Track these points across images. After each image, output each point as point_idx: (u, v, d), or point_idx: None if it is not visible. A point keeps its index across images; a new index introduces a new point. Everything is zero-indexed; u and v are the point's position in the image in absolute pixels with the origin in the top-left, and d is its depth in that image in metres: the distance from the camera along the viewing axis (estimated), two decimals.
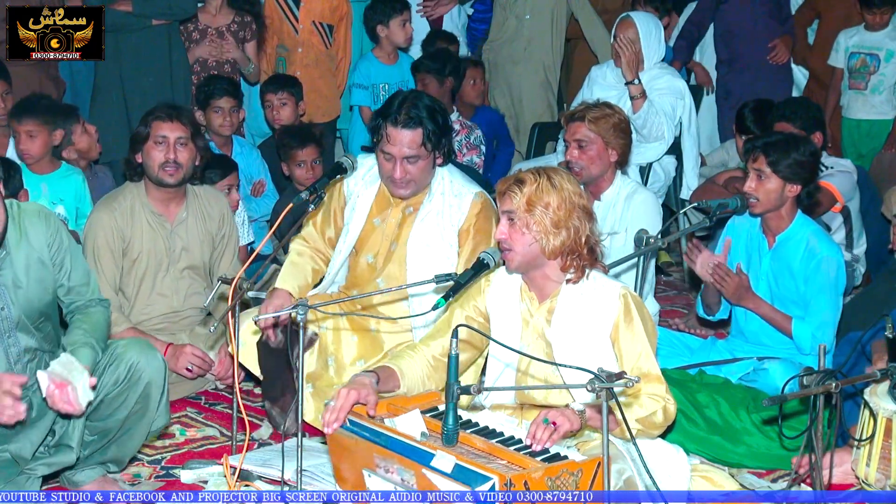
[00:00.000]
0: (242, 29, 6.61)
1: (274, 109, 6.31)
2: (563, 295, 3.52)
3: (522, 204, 3.43)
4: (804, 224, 4.47)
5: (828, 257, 4.36)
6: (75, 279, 3.67)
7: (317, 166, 5.80)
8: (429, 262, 4.21)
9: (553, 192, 3.42)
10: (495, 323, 3.64)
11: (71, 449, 3.57)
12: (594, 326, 3.47)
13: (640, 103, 5.77)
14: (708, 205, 4.56)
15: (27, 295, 3.54)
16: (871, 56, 6.98)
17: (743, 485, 3.94)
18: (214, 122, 6.03)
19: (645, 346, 3.45)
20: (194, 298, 4.75)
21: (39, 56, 5.30)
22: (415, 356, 3.60)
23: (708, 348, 4.73)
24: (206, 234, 4.76)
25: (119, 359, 3.59)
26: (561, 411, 3.26)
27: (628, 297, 3.48)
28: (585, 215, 3.46)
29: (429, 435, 3.29)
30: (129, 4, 6.06)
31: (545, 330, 3.55)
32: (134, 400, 3.62)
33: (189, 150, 4.58)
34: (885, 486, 3.67)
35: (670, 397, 3.44)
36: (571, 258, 3.48)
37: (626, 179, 4.91)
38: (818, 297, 4.37)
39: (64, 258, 3.63)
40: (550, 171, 3.49)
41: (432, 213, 4.26)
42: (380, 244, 4.33)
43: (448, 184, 4.29)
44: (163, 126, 4.54)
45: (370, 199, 4.33)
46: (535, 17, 7.32)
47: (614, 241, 4.69)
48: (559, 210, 3.41)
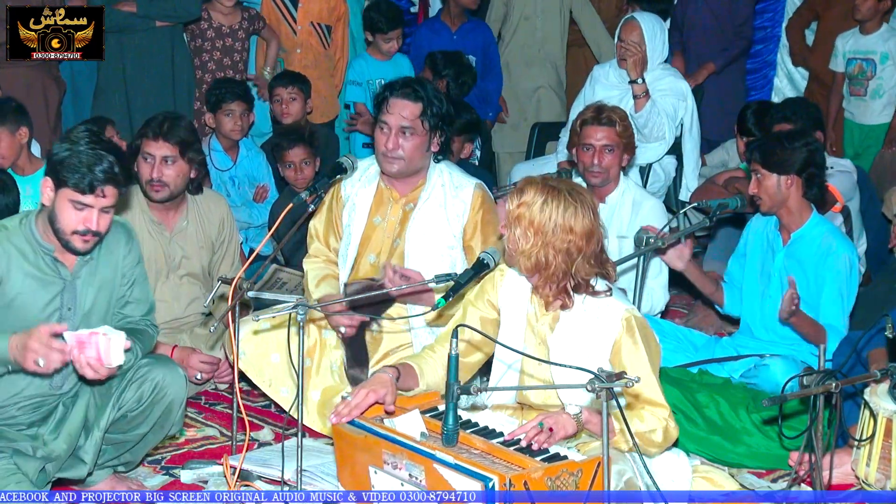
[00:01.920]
0: (252, 24, 6.66)
1: (283, 104, 6.31)
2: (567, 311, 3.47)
3: (513, 214, 3.38)
4: (819, 223, 4.51)
5: (841, 254, 4.39)
6: (136, 295, 3.68)
7: (307, 167, 5.77)
8: (428, 254, 4.22)
9: (538, 217, 3.32)
10: (504, 319, 3.60)
11: (84, 464, 3.59)
12: (594, 346, 3.41)
13: (642, 102, 5.78)
14: (708, 205, 4.58)
15: (95, 301, 3.57)
16: (866, 61, 6.98)
17: (743, 485, 3.94)
18: (226, 125, 6.03)
19: (647, 371, 3.33)
20: (195, 304, 4.77)
21: (40, 56, 5.29)
22: (434, 356, 3.57)
23: (712, 346, 4.74)
24: (205, 239, 4.76)
25: (144, 377, 3.59)
26: (557, 417, 3.24)
27: (632, 319, 3.38)
28: (574, 250, 3.31)
29: (428, 435, 3.30)
30: (133, 5, 6.07)
31: (548, 337, 3.51)
32: (156, 417, 3.65)
33: (177, 168, 4.54)
34: (885, 486, 3.67)
35: (673, 422, 3.37)
36: (543, 282, 3.39)
37: (629, 181, 4.93)
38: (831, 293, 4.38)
39: (136, 274, 3.66)
40: (554, 192, 3.34)
41: (433, 205, 4.27)
42: (382, 243, 4.33)
43: (448, 176, 4.31)
44: (150, 144, 4.53)
45: (369, 199, 4.34)
46: (545, 17, 7.32)
47: (623, 245, 4.72)
48: (536, 236, 3.32)
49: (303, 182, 5.66)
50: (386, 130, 4.18)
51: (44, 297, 3.49)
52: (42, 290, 3.49)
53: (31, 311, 3.47)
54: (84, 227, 3.41)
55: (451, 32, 7.23)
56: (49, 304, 3.50)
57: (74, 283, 3.53)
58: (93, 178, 3.35)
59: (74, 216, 3.41)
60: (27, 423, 3.53)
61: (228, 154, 6.12)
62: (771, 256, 4.57)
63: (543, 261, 3.34)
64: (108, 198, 3.41)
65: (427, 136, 4.21)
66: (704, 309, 5.50)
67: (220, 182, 6.04)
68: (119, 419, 3.60)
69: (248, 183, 6.16)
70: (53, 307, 3.51)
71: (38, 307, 3.49)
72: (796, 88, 7.97)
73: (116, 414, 3.58)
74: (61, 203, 3.41)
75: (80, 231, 3.42)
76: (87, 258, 3.54)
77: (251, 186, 6.16)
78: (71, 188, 3.37)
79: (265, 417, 4.47)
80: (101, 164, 3.36)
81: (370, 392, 3.31)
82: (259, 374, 4.33)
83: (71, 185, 3.37)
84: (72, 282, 3.53)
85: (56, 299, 3.51)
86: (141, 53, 6.17)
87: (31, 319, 3.45)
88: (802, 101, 6.14)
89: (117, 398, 3.57)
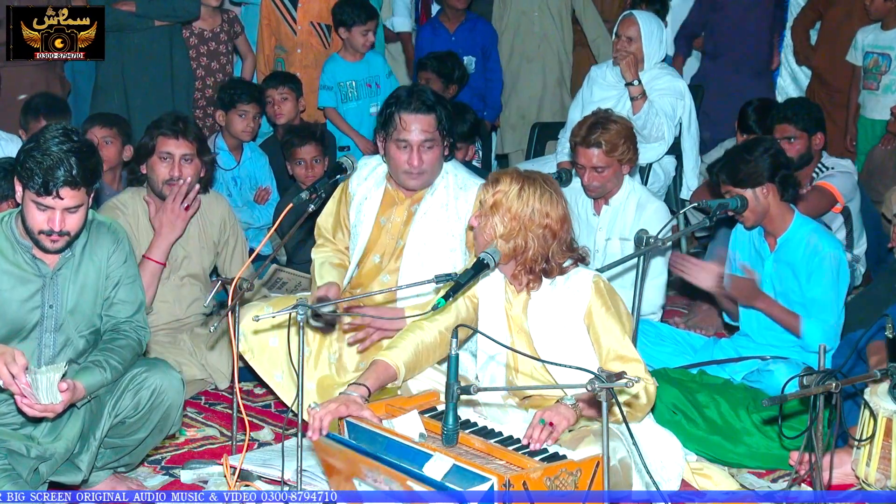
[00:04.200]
0: (232, 26, 6.72)
1: (275, 104, 6.31)
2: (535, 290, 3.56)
3: (489, 202, 3.49)
4: (804, 223, 4.48)
5: (829, 253, 4.37)
6: (122, 296, 3.66)
7: (317, 165, 5.79)
8: (427, 255, 4.23)
9: (516, 202, 3.45)
10: (482, 313, 3.67)
11: (80, 471, 3.58)
12: (569, 314, 3.51)
13: (640, 104, 5.77)
14: (708, 205, 4.56)
15: (79, 300, 3.57)
16: (882, 56, 6.95)
17: (743, 485, 3.94)
18: (237, 125, 6.05)
19: (621, 329, 3.48)
20: (196, 305, 4.77)
21: (43, 56, 5.28)
22: (415, 333, 3.62)
23: (711, 347, 4.73)
24: (207, 240, 4.76)
25: (142, 384, 3.58)
26: (555, 410, 3.27)
27: (600, 282, 3.52)
28: (547, 234, 3.46)
29: (427, 436, 3.29)
30: (132, 5, 6.07)
31: (524, 322, 3.59)
32: (155, 422, 3.64)
33: (194, 166, 4.57)
34: (885, 486, 3.67)
35: (649, 377, 3.47)
36: (519, 269, 3.52)
37: (634, 183, 4.93)
38: (821, 293, 4.37)
39: (120, 275, 3.64)
40: (529, 180, 3.49)
41: (436, 207, 4.27)
42: (386, 243, 4.34)
43: (452, 177, 4.31)
44: (168, 143, 4.53)
45: (377, 200, 4.34)
46: (542, 13, 7.31)
47: (625, 247, 4.73)
48: (514, 221, 3.45)
49: (313, 180, 5.65)
50: (406, 148, 4.15)
51: (23, 293, 3.50)
52: (21, 286, 3.50)
53: (10, 308, 3.49)
54: (48, 228, 3.41)
55: (450, 33, 7.22)
56: (29, 300, 3.51)
57: (55, 281, 3.54)
58: (47, 180, 3.33)
59: (39, 216, 3.41)
60: (19, 423, 3.53)
61: (233, 154, 6.12)
62: (760, 264, 4.55)
63: (522, 244, 3.46)
64: (66, 199, 3.38)
65: (443, 144, 4.22)
66: (704, 308, 5.49)
67: (222, 181, 6.05)
68: (117, 425, 3.60)
69: (250, 184, 6.17)
70: (34, 304, 3.52)
71: (17, 303, 3.50)
72: (800, 88, 7.96)
73: (114, 421, 3.57)
74: (26, 203, 3.42)
75: (45, 231, 3.42)
76: (68, 255, 3.54)
77: (253, 188, 6.16)
78: (30, 189, 3.38)
79: (265, 417, 4.47)
80: (60, 167, 3.33)
81: (339, 406, 3.33)
82: (256, 358, 4.32)
83: (29, 187, 3.37)
84: (52, 279, 3.53)
85: (36, 296, 3.52)
86: (140, 53, 6.17)
87: (11, 316, 3.48)
88: (804, 101, 6.13)
89: (113, 406, 3.57)
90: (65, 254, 3.53)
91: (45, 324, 3.54)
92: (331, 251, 4.44)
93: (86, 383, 3.43)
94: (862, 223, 5.70)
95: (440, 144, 4.20)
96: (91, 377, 3.46)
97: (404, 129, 4.13)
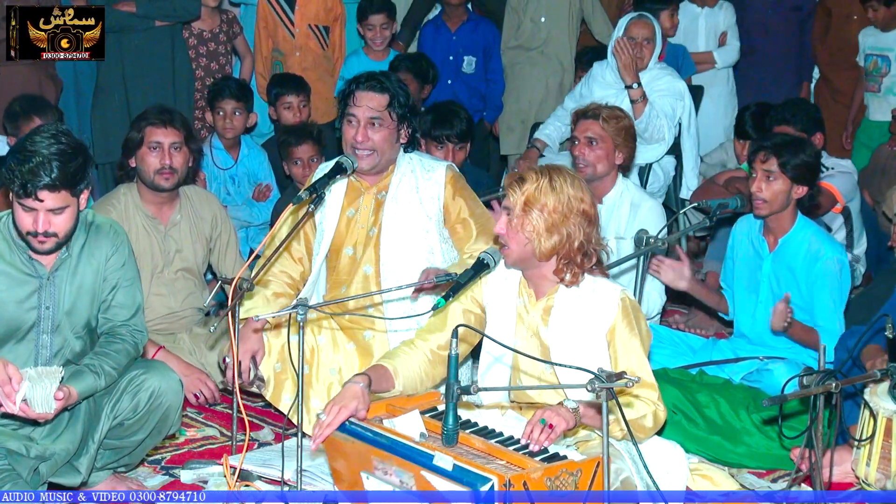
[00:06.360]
0: (231, 26, 6.70)
1: (293, 110, 6.28)
2: (561, 294, 3.51)
3: (520, 203, 3.42)
4: (805, 226, 4.48)
5: (831, 257, 4.37)
6: (119, 299, 3.65)
7: (314, 164, 5.76)
8: (404, 240, 4.22)
9: (551, 195, 3.40)
10: (491, 315, 3.64)
11: (79, 473, 3.58)
12: (591, 327, 3.46)
13: (641, 108, 5.74)
14: (708, 205, 4.57)
15: (75, 301, 3.57)
16: (882, 58, 6.96)
17: (743, 485, 3.94)
18: (217, 123, 6.03)
19: (639, 352, 3.44)
20: (191, 299, 4.78)
21: (50, 56, 5.27)
22: (411, 353, 3.60)
23: (710, 348, 4.73)
24: (198, 235, 4.78)
25: (140, 387, 3.58)
26: (556, 411, 3.25)
27: (626, 300, 3.46)
28: (585, 221, 3.43)
29: (428, 435, 3.29)
30: (132, 5, 6.07)
31: (540, 329, 3.54)
32: (153, 424, 3.64)
33: (183, 154, 4.61)
34: (885, 486, 3.67)
35: (661, 404, 3.43)
36: (564, 262, 3.46)
37: (628, 182, 4.92)
38: (823, 297, 4.37)
39: (118, 277, 3.63)
40: (555, 171, 3.46)
41: (405, 190, 4.26)
42: (357, 234, 4.32)
43: (417, 162, 4.32)
44: (157, 132, 4.57)
45: (340, 193, 4.33)
46: (550, 18, 7.31)
47: (621, 246, 4.72)
48: (554, 213, 3.40)
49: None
50: (354, 123, 4.19)
51: (19, 294, 3.51)
52: (18, 287, 3.50)
53: (7, 308, 3.49)
54: (34, 229, 3.41)
55: (451, 33, 7.21)
56: (25, 301, 3.52)
57: (52, 282, 3.54)
58: (25, 181, 3.32)
59: (25, 218, 3.41)
60: (18, 424, 3.52)
61: (230, 153, 6.11)
62: (758, 263, 4.55)
63: (566, 235, 3.40)
64: (46, 201, 3.37)
65: (395, 128, 4.22)
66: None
67: (220, 180, 6.04)
68: (116, 427, 3.59)
69: (249, 181, 6.16)
70: (31, 304, 3.52)
71: (14, 304, 3.50)
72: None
73: (112, 423, 3.57)
74: (14, 205, 3.43)
75: (31, 232, 3.42)
76: (65, 256, 3.54)
77: (251, 185, 6.15)
78: (11, 191, 3.38)
79: (265, 417, 4.47)
80: (40, 169, 3.32)
81: (341, 409, 3.33)
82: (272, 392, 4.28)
83: (11, 188, 3.38)
84: (49, 280, 3.53)
85: (33, 297, 3.52)
86: (140, 53, 6.17)
87: (8, 317, 3.49)
88: (803, 102, 6.14)
89: (111, 408, 3.57)
90: (61, 255, 3.53)
91: (42, 325, 3.55)
92: (269, 280, 4.27)
93: (79, 389, 3.44)
94: (862, 223, 5.70)
95: (391, 127, 4.19)
96: (84, 383, 3.46)
97: (354, 105, 4.19)
